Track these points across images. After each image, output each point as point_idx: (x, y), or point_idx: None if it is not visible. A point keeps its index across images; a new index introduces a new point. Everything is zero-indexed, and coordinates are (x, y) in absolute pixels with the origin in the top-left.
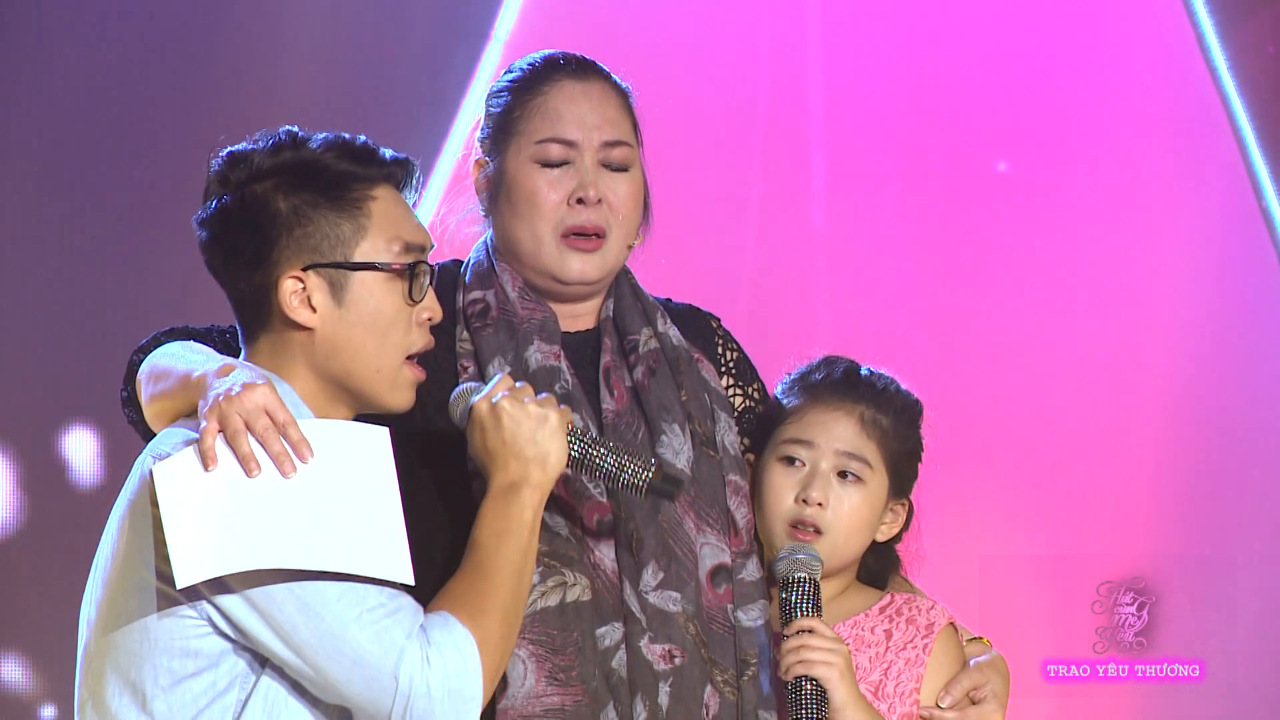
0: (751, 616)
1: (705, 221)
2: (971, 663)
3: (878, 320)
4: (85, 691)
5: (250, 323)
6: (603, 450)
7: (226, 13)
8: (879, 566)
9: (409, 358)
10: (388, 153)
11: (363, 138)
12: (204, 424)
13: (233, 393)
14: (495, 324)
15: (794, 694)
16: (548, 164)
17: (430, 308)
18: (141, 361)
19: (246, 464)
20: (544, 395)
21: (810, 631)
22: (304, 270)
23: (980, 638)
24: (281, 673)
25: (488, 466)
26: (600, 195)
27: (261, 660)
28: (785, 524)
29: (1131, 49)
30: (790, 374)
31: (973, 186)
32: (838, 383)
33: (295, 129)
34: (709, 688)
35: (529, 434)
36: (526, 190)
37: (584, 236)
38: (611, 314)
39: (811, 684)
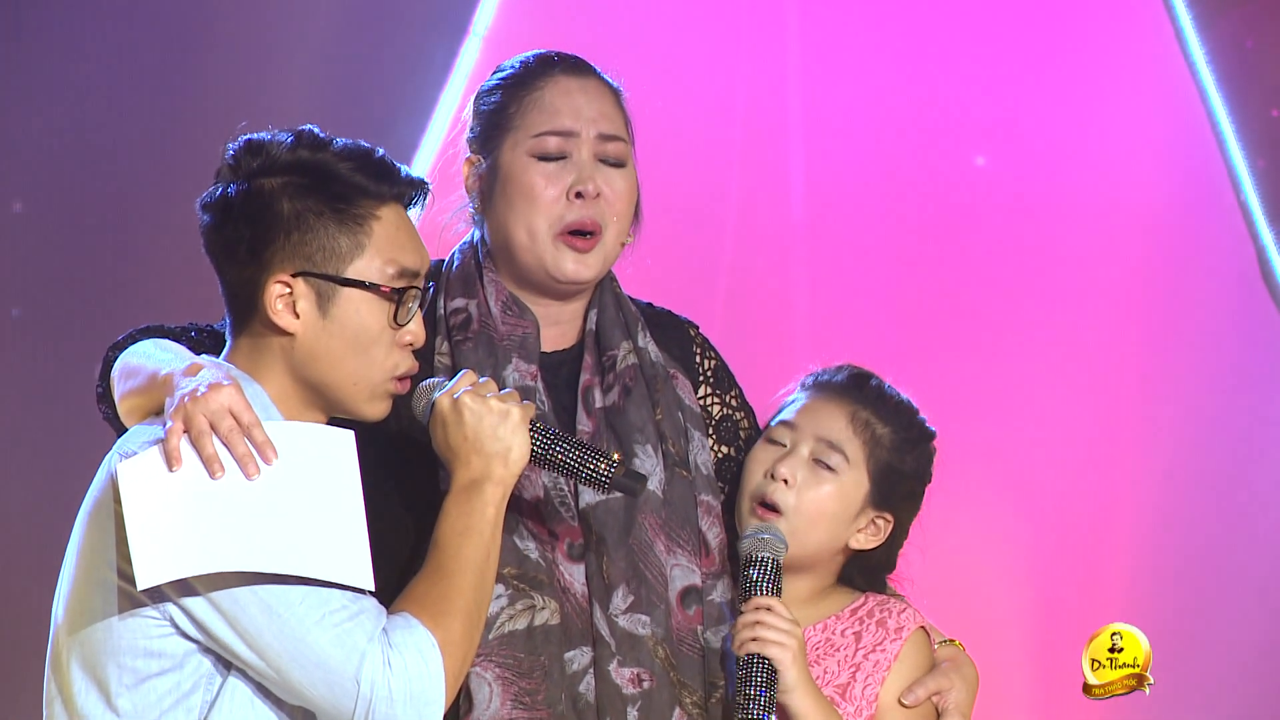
0: (721, 637)
1: (683, 220)
2: (943, 665)
3: (857, 318)
4: (53, 688)
5: (236, 316)
6: (565, 445)
7: (207, 9)
8: (865, 584)
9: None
10: (404, 170)
11: (381, 151)
12: (169, 424)
13: (198, 393)
14: (475, 338)
15: (744, 671)
16: (545, 157)
17: (414, 332)
18: (116, 359)
19: (210, 465)
20: (507, 390)
21: (768, 610)
22: (294, 276)
23: (953, 640)
24: (247, 675)
25: (450, 463)
26: (598, 189)
27: (227, 663)
28: (751, 500)
29: (1110, 43)
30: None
31: (952, 182)
32: (842, 383)
33: (316, 128)
34: (677, 710)
35: (491, 429)
36: (524, 185)
37: (581, 235)
38: (595, 327)
39: (763, 662)
